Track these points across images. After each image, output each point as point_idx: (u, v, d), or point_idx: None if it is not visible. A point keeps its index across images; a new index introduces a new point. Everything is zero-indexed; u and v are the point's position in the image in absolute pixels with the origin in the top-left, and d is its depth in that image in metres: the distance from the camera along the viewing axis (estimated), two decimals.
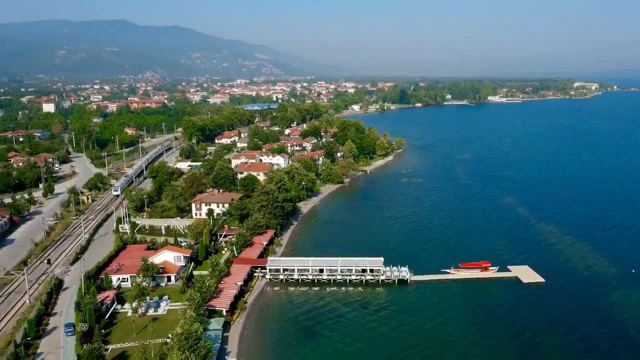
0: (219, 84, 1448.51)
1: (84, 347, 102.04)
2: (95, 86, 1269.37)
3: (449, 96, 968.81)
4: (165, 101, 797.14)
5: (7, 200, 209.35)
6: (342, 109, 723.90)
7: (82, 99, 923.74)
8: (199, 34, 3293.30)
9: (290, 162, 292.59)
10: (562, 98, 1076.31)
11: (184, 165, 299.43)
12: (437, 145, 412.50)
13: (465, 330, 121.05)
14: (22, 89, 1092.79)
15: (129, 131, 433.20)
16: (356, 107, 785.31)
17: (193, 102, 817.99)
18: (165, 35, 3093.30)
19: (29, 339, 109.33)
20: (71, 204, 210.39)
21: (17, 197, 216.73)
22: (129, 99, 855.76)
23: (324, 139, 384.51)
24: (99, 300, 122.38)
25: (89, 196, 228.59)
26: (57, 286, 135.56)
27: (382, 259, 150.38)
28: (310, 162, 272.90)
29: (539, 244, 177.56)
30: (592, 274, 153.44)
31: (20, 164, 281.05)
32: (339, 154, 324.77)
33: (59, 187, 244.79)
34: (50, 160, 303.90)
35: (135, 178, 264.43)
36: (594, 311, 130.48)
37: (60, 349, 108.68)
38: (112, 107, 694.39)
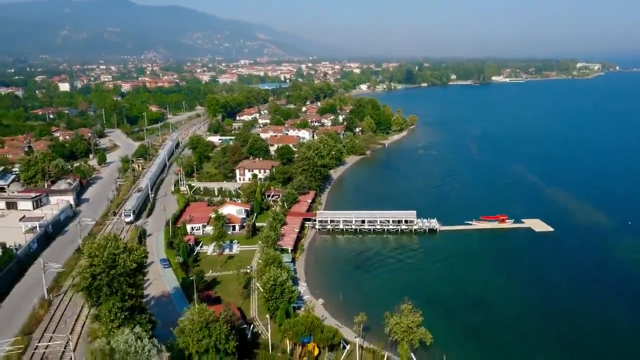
0: (223, 64, 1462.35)
1: (189, 273, 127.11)
2: (102, 66, 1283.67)
3: (453, 76, 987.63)
4: (177, 81, 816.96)
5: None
6: (350, 89, 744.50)
7: (92, 78, 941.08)
8: (199, 13, 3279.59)
9: (315, 135, 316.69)
10: (565, 78, 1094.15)
11: (215, 139, 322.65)
12: (447, 122, 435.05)
13: (485, 265, 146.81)
14: (29, 69, 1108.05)
15: (153, 109, 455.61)
16: (364, 87, 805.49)
17: (203, 82, 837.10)
18: (165, 15, 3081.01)
19: None
20: (129, 170, 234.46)
21: (76, 164, 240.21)
22: (140, 78, 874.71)
23: (340, 116, 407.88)
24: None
25: (139, 164, 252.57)
26: (143, 233, 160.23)
27: (414, 211, 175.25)
28: (335, 135, 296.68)
29: (548, 202, 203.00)
30: (594, 225, 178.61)
31: (67, 137, 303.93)
32: (357, 129, 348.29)
33: (107, 157, 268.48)
34: (90, 134, 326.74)
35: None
36: (596, 253, 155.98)
37: (162, 277, 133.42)
38: (126, 86, 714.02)
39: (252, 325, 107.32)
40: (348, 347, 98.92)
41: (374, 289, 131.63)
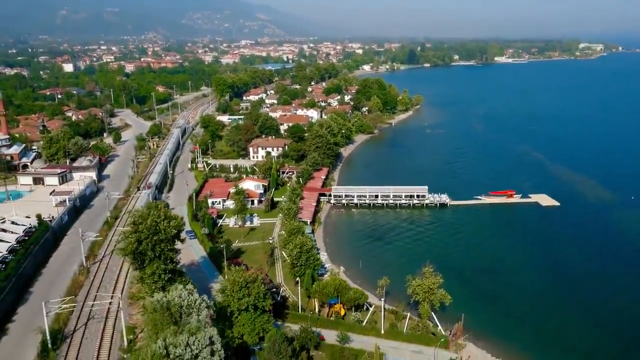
0: (224, 44, 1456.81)
1: (215, 243, 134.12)
2: (102, 47, 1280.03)
3: (456, 57, 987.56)
4: (180, 61, 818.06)
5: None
6: (353, 69, 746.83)
7: (94, 59, 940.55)
8: None
9: (323, 115, 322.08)
10: (568, 59, 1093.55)
11: (224, 118, 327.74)
12: (452, 102, 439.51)
13: (496, 236, 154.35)
14: (30, 50, 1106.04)
15: (159, 89, 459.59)
16: (367, 67, 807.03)
17: (206, 63, 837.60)
18: None
19: None
20: (145, 148, 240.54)
21: (92, 143, 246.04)
22: (142, 59, 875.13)
23: (346, 96, 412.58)
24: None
25: (155, 142, 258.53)
26: (166, 207, 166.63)
27: (426, 187, 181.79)
28: (344, 114, 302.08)
29: (554, 179, 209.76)
30: (599, 199, 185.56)
31: (80, 116, 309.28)
32: (364, 109, 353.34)
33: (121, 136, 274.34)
34: (101, 113, 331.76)
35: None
36: (600, 224, 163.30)
37: (189, 247, 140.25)
38: (130, 67, 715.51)
39: (280, 289, 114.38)
40: (372, 308, 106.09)
41: (391, 258, 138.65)
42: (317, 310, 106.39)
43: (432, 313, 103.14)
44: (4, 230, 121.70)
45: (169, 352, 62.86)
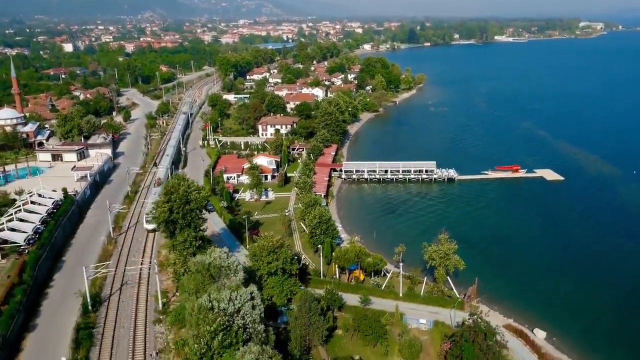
0: (223, 24, 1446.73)
1: (235, 215, 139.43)
2: (100, 27, 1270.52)
3: (456, 36, 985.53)
4: (179, 41, 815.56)
5: None
6: (354, 48, 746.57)
7: (93, 39, 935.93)
8: None
9: (328, 93, 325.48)
10: (568, 37, 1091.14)
11: (230, 97, 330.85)
12: (454, 81, 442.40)
13: (503, 209, 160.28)
14: (27, 30, 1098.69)
15: (163, 68, 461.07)
16: (367, 47, 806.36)
17: (205, 42, 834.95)
18: None
19: None
20: (156, 126, 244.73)
21: (103, 121, 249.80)
22: (141, 39, 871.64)
23: (349, 75, 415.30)
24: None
25: (164, 121, 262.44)
26: None
27: (434, 162, 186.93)
28: (349, 93, 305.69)
29: (558, 154, 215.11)
30: (602, 174, 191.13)
31: (88, 95, 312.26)
32: (368, 88, 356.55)
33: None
34: (109, 93, 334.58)
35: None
36: (603, 197, 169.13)
37: (209, 220, 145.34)
38: (129, 47, 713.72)
39: (301, 257, 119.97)
40: (390, 274, 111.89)
41: (403, 229, 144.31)
42: (337, 276, 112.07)
43: (447, 277, 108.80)
44: (35, 203, 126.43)
45: (213, 307, 68.30)
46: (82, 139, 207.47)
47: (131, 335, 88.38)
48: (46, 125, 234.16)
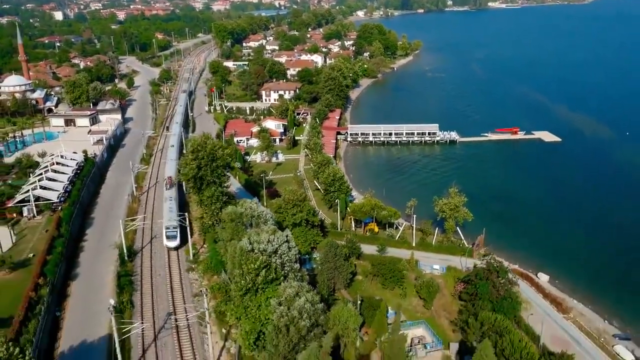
0: None
1: (250, 176, 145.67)
2: None
3: (450, 2, 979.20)
4: (171, 8, 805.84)
5: None
6: (347, 15, 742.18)
7: (82, 6, 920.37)
8: None
9: (327, 60, 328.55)
10: (561, 3, 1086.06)
11: (229, 64, 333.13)
12: (450, 47, 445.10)
13: (504, 168, 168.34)
14: None
15: (158, 36, 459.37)
16: (360, 13, 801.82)
17: (197, 9, 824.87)
18: None
19: None
20: (162, 92, 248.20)
21: (108, 87, 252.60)
22: (131, 6, 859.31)
23: (345, 42, 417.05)
24: None
25: (167, 87, 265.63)
26: None
27: (437, 124, 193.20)
28: (349, 59, 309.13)
29: (555, 117, 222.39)
30: (596, 135, 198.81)
31: (89, 63, 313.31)
32: (366, 54, 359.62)
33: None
34: (109, 60, 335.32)
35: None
36: (598, 157, 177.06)
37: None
38: (121, 14, 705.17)
39: (318, 212, 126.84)
40: (402, 226, 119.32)
41: (410, 186, 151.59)
42: (353, 229, 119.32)
43: (457, 228, 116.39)
44: (60, 164, 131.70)
45: (254, 248, 75.09)
46: (91, 105, 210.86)
47: (168, 282, 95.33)
48: (52, 93, 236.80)
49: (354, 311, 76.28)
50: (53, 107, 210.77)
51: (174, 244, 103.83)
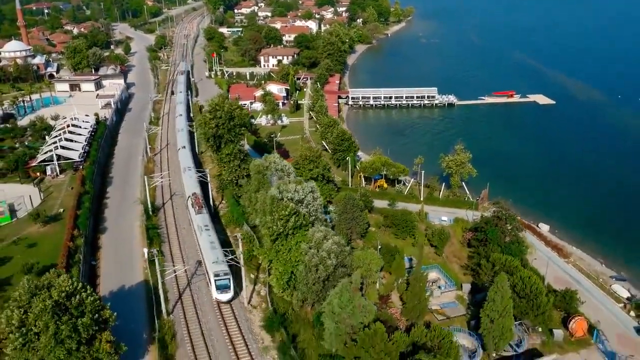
0: None
1: (258, 137, 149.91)
2: None
3: None
4: None
5: None
6: None
7: None
8: None
9: (322, 26, 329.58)
10: None
11: (223, 31, 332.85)
12: (442, 14, 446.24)
13: (501, 129, 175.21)
14: None
15: (149, 2, 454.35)
16: None
17: None
18: None
19: None
20: (159, 58, 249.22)
21: (106, 53, 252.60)
22: None
23: (338, 8, 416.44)
24: None
25: (165, 53, 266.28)
26: (200, 108, 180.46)
27: (436, 88, 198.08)
28: (344, 25, 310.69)
29: (549, 81, 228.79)
30: (589, 98, 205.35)
31: (82, 29, 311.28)
32: (359, 20, 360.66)
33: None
34: (102, 27, 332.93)
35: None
36: (592, 118, 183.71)
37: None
38: None
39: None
40: (410, 184, 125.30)
41: (413, 145, 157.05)
42: (362, 185, 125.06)
43: (463, 183, 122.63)
44: (76, 126, 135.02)
45: (283, 197, 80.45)
46: (92, 70, 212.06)
47: (193, 235, 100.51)
48: (50, 59, 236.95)
49: (376, 254, 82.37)
50: (54, 73, 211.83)
51: (227, 296, 76.26)
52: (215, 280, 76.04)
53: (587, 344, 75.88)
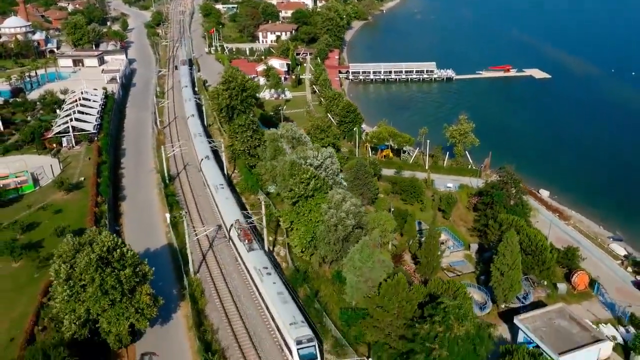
0: None
1: (263, 111, 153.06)
2: None
3: None
4: None
5: None
6: None
7: None
8: None
9: (317, 2, 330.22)
10: None
11: (219, 7, 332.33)
12: None
13: (499, 102, 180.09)
14: None
15: None
16: None
17: None
18: None
19: None
20: (158, 34, 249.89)
21: (104, 29, 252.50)
22: None
23: None
24: None
25: (162, 29, 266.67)
26: (204, 83, 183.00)
27: (434, 62, 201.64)
28: (340, 0, 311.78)
29: (544, 56, 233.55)
30: (584, 72, 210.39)
31: (77, 6, 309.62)
32: None
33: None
34: (97, 4, 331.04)
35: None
36: (586, 91, 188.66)
37: None
38: None
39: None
40: (414, 153, 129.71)
41: (414, 118, 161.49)
42: (369, 155, 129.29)
43: (466, 152, 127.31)
44: (87, 99, 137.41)
45: (302, 162, 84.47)
46: (93, 46, 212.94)
47: (211, 200, 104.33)
48: (49, 35, 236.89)
49: (390, 216, 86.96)
50: (55, 49, 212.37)
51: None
52: (298, 350, 57.59)
53: (588, 296, 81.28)
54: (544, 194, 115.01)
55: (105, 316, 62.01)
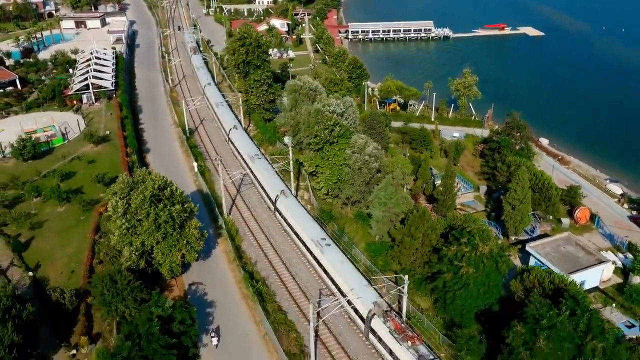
0: None
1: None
2: None
3: None
4: None
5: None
6: None
7: None
8: None
9: None
10: None
11: None
12: None
13: (495, 58, 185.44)
14: None
15: None
16: None
17: None
18: None
19: None
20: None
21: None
22: None
23: None
24: None
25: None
26: (207, 42, 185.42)
27: (432, 21, 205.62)
28: None
29: (538, 15, 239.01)
30: (576, 30, 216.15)
31: None
32: None
33: None
34: None
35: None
36: (579, 46, 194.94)
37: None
38: None
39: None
40: (421, 106, 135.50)
41: (415, 74, 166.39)
42: (377, 108, 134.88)
43: (470, 104, 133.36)
44: (99, 58, 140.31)
45: (325, 110, 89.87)
46: (92, 8, 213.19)
47: (246, 170, 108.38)
48: None
49: (406, 160, 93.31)
50: (53, 12, 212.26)
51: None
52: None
53: (589, 229, 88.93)
54: (544, 141, 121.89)
55: (160, 248, 68.04)
